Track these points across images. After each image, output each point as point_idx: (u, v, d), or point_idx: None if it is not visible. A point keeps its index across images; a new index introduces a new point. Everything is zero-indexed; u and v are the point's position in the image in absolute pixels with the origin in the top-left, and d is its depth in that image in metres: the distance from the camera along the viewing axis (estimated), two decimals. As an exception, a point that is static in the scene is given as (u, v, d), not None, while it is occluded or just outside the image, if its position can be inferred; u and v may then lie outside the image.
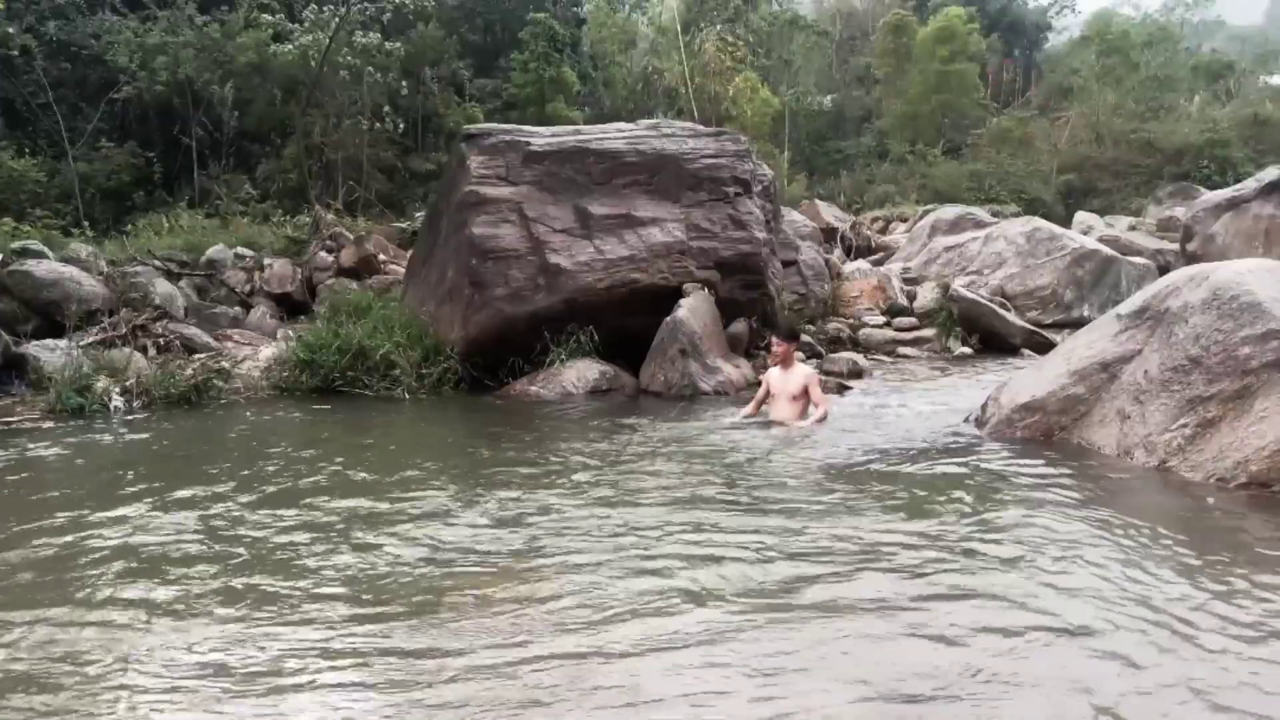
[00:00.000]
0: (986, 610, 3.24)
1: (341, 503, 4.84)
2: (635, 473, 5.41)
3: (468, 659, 2.92)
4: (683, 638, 3.04)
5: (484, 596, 3.47)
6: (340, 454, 6.30)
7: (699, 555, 3.86)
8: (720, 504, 4.68)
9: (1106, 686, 2.67)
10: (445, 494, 5.04)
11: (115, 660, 2.99)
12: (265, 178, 18.90)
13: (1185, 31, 36.84)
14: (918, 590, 3.41)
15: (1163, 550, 3.82)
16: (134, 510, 4.79)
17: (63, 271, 10.75)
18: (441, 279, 9.62)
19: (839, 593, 3.41)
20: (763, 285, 9.74)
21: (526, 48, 21.71)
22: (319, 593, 3.55)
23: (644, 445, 6.20)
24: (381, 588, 3.58)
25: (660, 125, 10.45)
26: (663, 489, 5.00)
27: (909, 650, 2.92)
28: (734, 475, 5.31)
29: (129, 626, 3.27)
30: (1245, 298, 5.15)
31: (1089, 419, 5.81)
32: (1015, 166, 23.73)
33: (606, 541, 4.06)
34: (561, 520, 4.43)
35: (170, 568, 3.87)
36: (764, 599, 3.36)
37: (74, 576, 3.77)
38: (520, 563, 3.84)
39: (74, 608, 3.44)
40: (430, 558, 3.92)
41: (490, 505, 4.75)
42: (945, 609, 3.24)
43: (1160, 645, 2.92)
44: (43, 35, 17.99)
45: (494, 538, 4.19)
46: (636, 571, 3.68)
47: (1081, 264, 12.77)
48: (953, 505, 4.60)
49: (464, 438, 7.20)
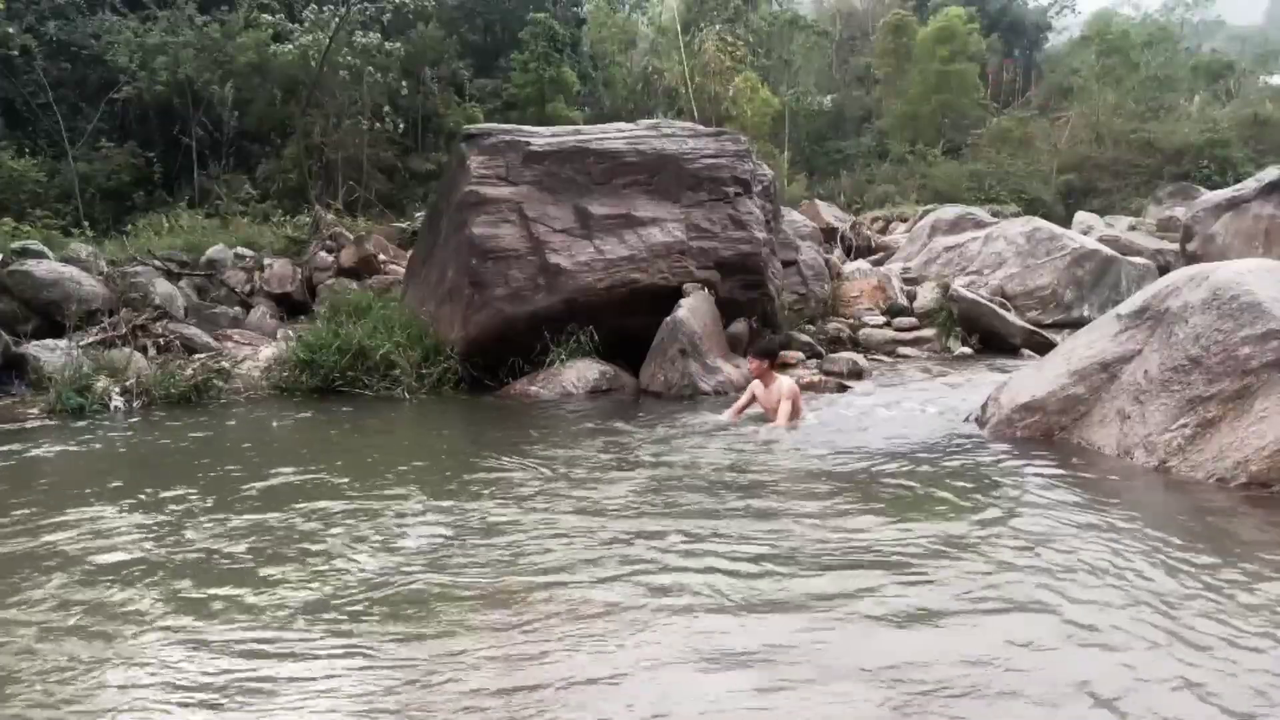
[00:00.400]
0: (986, 610, 3.24)
1: (338, 504, 4.83)
2: (635, 474, 5.40)
3: (457, 665, 2.92)
4: (683, 638, 3.04)
5: (477, 601, 3.47)
6: (339, 455, 6.30)
7: (699, 556, 3.86)
8: (720, 504, 4.67)
9: (1107, 686, 2.67)
10: (442, 497, 5.03)
11: (85, 664, 2.99)
12: (265, 178, 18.90)
13: (1185, 31, 36.82)
14: (917, 590, 3.41)
15: (1162, 550, 3.82)
16: (114, 510, 4.79)
17: (63, 271, 10.75)
18: (441, 279, 9.62)
19: (839, 593, 3.40)
20: (763, 285, 9.74)
21: (526, 48, 21.72)
22: (299, 598, 3.54)
23: (643, 446, 6.20)
24: (374, 595, 3.58)
25: (660, 125, 10.44)
26: (662, 491, 4.99)
27: (909, 650, 2.92)
28: (733, 476, 5.31)
29: (92, 631, 3.25)
30: (1245, 298, 5.16)
31: (1089, 419, 5.81)
32: (1015, 166, 23.72)
33: (602, 548, 4.06)
34: (561, 525, 4.42)
35: (148, 571, 3.86)
36: (764, 600, 3.36)
37: (53, 578, 3.77)
38: (515, 569, 3.84)
39: (51, 611, 3.43)
40: (424, 563, 3.92)
41: (488, 507, 4.75)
42: (945, 609, 3.24)
43: (1160, 645, 2.92)
44: (43, 35, 17.99)
45: (488, 544, 4.18)
46: (638, 574, 3.68)
47: (1081, 264, 12.76)
48: (952, 505, 4.60)
49: (462, 439, 7.19)
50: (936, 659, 2.84)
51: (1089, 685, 2.67)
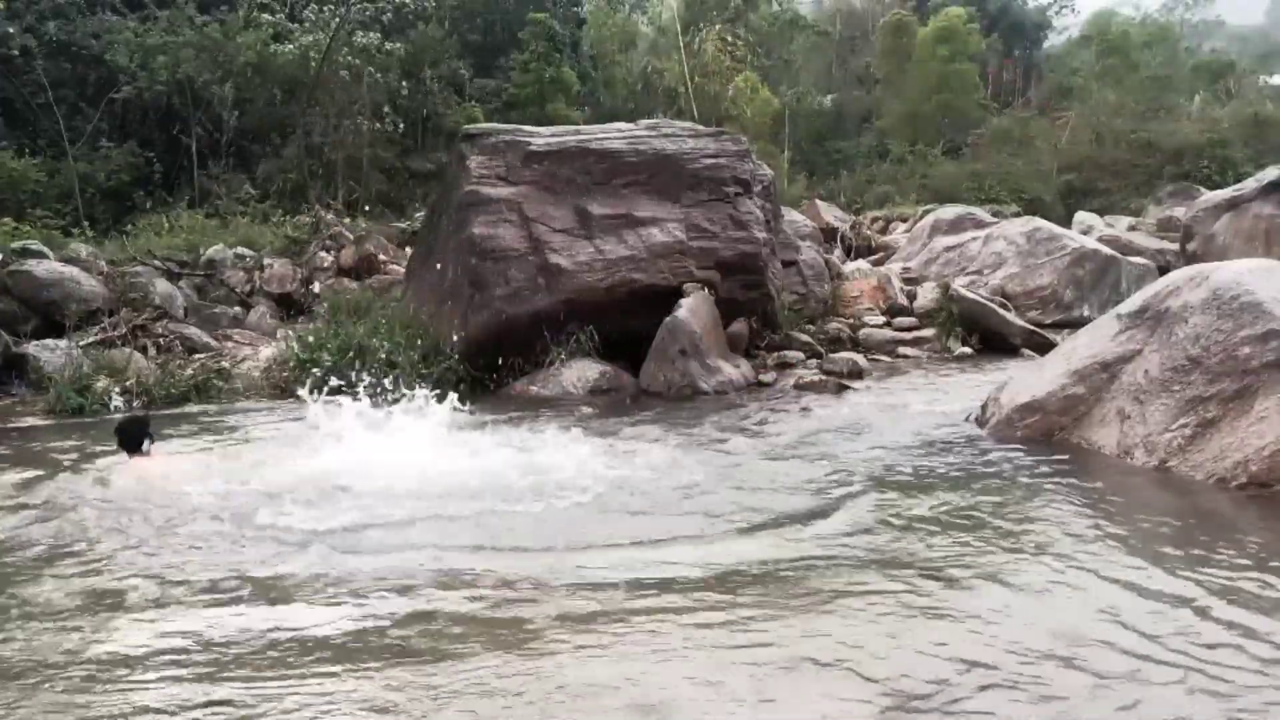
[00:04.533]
0: (986, 611, 3.24)
1: (335, 503, 4.84)
2: (634, 476, 5.40)
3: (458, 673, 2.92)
4: (683, 639, 3.04)
5: (481, 600, 3.47)
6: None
7: (698, 558, 3.86)
8: (719, 505, 4.67)
9: (1107, 685, 2.67)
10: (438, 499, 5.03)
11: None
12: (265, 178, 18.90)
13: (1185, 31, 36.81)
14: (917, 590, 3.41)
15: (1163, 550, 3.82)
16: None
17: (63, 271, 10.75)
18: (441, 279, 9.62)
19: (838, 593, 3.40)
20: (763, 285, 9.74)
21: (526, 48, 21.73)
22: (289, 597, 3.55)
23: (643, 448, 6.20)
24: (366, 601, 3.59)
25: (660, 125, 10.44)
26: (661, 491, 4.99)
27: (909, 650, 2.92)
28: (733, 477, 5.32)
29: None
30: (1245, 298, 5.15)
31: (1089, 419, 5.81)
32: (1015, 166, 23.69)
33: (602, 549, 4.06)
34: (562, 528, 4.43)
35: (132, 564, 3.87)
36: (764, 601, 3.36)
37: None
38: (514, 577, 3.84)
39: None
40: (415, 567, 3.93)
41: (486, 511, 4.75)
42: (944, 610, 3.24)
43: (1160, 645, 2.92)
44: (43, 35, 18.00)
45: (495, 539, 4.18)
46: (638, 576, 3.68)
47: (1082, 264, 12.75)
48: (952, 505, 4.59)
49: (461, 441, 7.17)
50: (936, 658, 2.84)
51: (1090, 685, 2.67)
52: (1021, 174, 23.34)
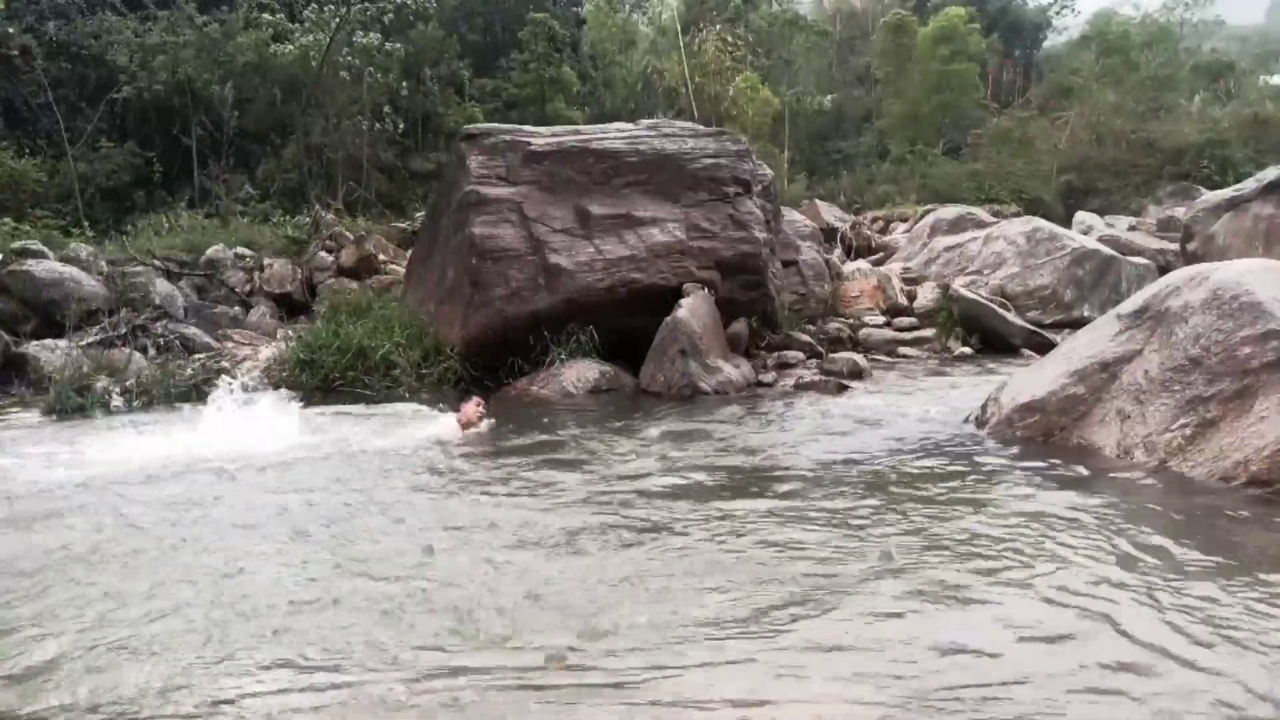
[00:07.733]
0: (986, 611, 3.24)
1: (333, 504, 4.84)
2: (633, 476, 5.41)
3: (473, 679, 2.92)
4: (682, 641, 3.05)
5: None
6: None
7: (697, 559, 3.86)
8: (718, 505, 4.68)
9: (1106, 685, 2.67)
10: (435, 501, 5.04)
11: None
12: (265, 178, 18.91)
13: (1185, 31, 36.78)
14: (916, 591, 3.41)
15: (1163, 550, 3.82)
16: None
17: (63, 271, 10.76)
18: (441, 279, 9.62)
19: (838, 593, 3.41)
20: (763, 285, 9.74)
21: (526, 48, 21.74)
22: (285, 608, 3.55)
23: (643, 448, 6.20)
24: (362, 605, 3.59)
25: (660, 125, 10.44)
26: (660, 493, 5.00)
27: (908, 650, 2.92)
28: (733, 477, 5.32)
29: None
30: (1245, 298, 5.15)
31: (1089, 419, 5.81)
32: (1015, 166, 23.71)
33: (603, 551, 4.07)
34: (568, 528, 4.43)
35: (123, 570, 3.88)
36: (763, 600, 3.37)
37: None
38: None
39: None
40: (413, 570, 3.93)
41: (488, 513, 4.75)
42: (944, 610, 3.24)
43: (1160, 645, 2.92)
44: (43, 35, 18.01)
45: (490, 545, 4.19)
46: (639, 577, 3.68)
47: (1081, 264, 12.75)
48: (952, 505, 4.60)
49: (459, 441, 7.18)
50: (935, 658, 2.85)
51: (1090, 685, 2.67)
52: (1021, 174, 23.36)
